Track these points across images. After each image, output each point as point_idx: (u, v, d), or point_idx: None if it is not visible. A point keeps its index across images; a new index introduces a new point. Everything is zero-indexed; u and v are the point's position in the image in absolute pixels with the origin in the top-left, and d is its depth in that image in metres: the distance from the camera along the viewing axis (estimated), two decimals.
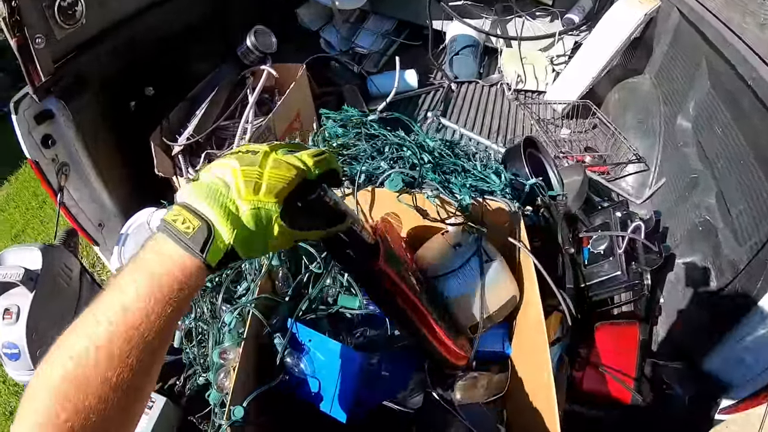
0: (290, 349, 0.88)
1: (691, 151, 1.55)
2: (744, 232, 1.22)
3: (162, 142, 1.46)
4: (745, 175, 1.27)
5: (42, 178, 1.36)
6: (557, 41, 2.36)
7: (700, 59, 1.60)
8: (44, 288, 1.17)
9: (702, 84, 1.58)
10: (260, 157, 0.51)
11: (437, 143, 1.20)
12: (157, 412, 1.16)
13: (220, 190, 0.49)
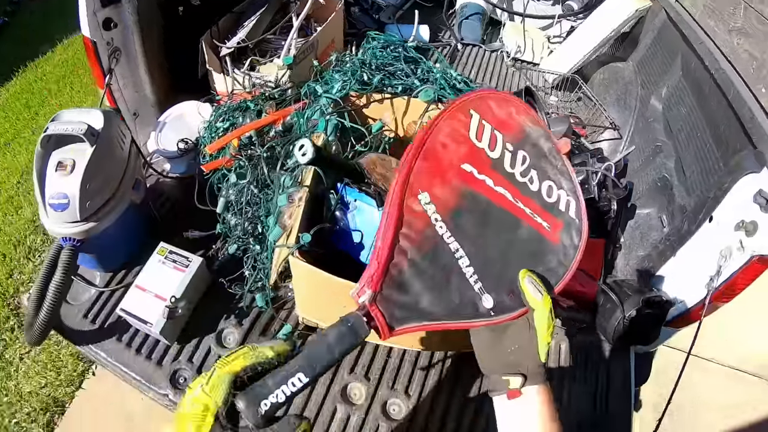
0: (339, 205, 1.09)
1: (659, 126, 1.84)
2: (694, 186, 1.50)
3: (212, 43, 1.61)
4: (701, 145, 1.56)
5: (95, 58, 1.46)
6: (555, 23, 2.63)
7: (677, 53, 1.88)
8: (103, 145, 1.23)
9: (675, 73, 1.87)
10: (183, 400, 0.55)
11: (458, 75, 1.43)
12: (193, 270, 1.27)
13: None
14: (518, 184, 0.77)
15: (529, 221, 0.75)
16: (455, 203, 0.71)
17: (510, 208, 0.75)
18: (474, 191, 0.73)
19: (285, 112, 1.31)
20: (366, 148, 1.21)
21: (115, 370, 1.28)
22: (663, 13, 2.09)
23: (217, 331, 1.32)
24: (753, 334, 3.24)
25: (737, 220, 1.21)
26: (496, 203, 0.74)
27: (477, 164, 0.75)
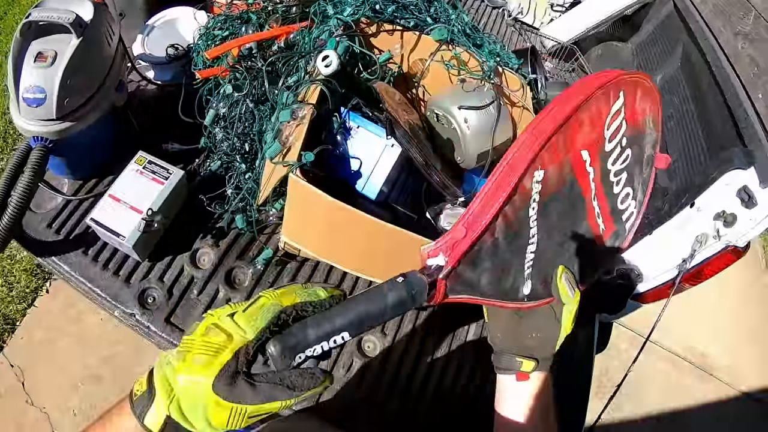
0: (341, 129, 1.04)
1: None
2: (677, 172, 1.54)
3: None
4: (689, 135, 1.59)
5: None
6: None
7: (678, 44, 1.90)
8: (90, 39, 1.13)
9: (673, 63, 1.89)
10: (200, 324, 0.50)
11: (471, 22, 1.39)
12: (173, 183, 1.19)
13: (168, 359, 0.49)
14: (607, 182, 0.72)
15: (591, 219, 0.72)
16: (556, 188, 0.64)
17: (588, 203, 0.71)
18: (576, 181, 0.67)
19: (289, 28, 1.24)
20: (374, 76, 1.16)
21: (78, 286, 1.20)
22: (671, 4, 2.10)
23: (191, 251, 1.26)
24: (696, 327, 3.47)
25: (718, 210, 1.25)
26: (584, 196, 0.70)
27: (593, 153, 0.68)
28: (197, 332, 0.49)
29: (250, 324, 0.48)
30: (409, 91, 1.34)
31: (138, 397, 0.49)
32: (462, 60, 1.23)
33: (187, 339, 0.49)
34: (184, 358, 0.47)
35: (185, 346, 0.49)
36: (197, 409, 0.47)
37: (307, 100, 1.02)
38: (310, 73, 1.09)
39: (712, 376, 3.37)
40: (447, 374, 1.27)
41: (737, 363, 3.54)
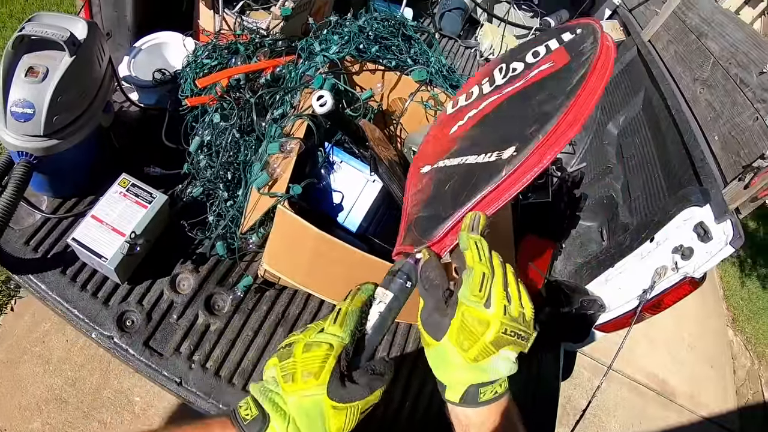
0: (325, 163, 1.08)
1: (612, 149, 1.97)
2: (637, 209, 1.63)
3: None
4: (649, 173, 1.69)
5: None
6: (531, 35, 2.73)
7: (641, 88, 2.02)
8: (83, 58, 1.14)
9: (636, 105, 2.01)
10: (294, 348, 0.53)
11: (448, 64, 1.47)
12: (157, 208, 1.20)
13: (269, 387, 0.53)
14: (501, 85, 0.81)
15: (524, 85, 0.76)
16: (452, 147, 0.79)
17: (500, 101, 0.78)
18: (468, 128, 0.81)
19: (276, 62, 1.29)
20: (357, 113, 1.21)
21: (55, 306, 1.19)
22: (635, 50, 2.23)
23: (171, 275, 1.27)
24: (657, 356, 3.58)
25: (676, 244, 1.34)
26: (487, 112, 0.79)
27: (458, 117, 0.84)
28: (296, 353, 0.53)
29: (343, 330, 0.54)
30: (387, 128, 1.41)
31: (249, 422, 0.51)
32: (439, 100, 1.30)
33: (286, 363, 0.53)
34: (293, 379, 0.51)
35: (287, 369, 0.52)
36: (315, 422, 0.50)
37: (294, 134, 1.06)
38: (296, 107, 1.13)
39: (673, 403, 3.47)
40: (423, 397, 1.30)
41: (697, 389, 3.67)
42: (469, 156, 0.72)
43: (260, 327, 1.26)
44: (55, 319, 2.06)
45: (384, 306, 0.58)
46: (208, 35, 1.48)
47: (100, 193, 1.20)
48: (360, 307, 0.57)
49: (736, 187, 1.29)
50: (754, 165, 1.24)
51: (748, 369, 4.25)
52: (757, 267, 5.25)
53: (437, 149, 0.83)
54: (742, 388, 4.03)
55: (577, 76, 0.68)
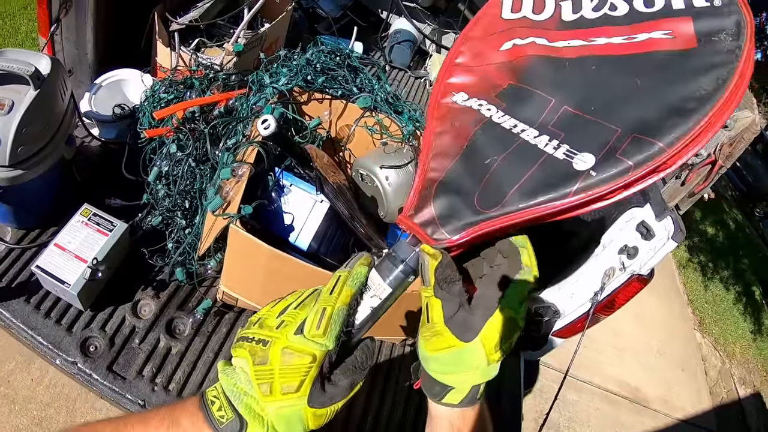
0: (275, 186, 1.15)
1: None
2: (584, 216, 1.72)
3: (163, 16, 1.61)
4: None
5: (46, 4, 1.42)
6: None
7: None
8: (46, 92, 1.19)
9: None
10: (269, 351, 0.48)
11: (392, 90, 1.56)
12: (117, 236, 1.26)
13: (243, 389, 0.48)
14: (592, 21, 0.63)
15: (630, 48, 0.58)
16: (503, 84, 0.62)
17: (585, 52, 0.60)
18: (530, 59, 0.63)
19: (229, 94, 1.36)
20: (305, 140, 1.29)
21: (19, 333, 1.23)
22: None
23: (133, 301, 1.31)
24: (627, 364, 3.65)
25: (621, 245, 1.41)
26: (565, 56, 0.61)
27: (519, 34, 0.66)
28: (272, 359, 0.47)
29: (327, 337, 0.48)
30: (336, 154, 1.49)
31: (225, 425, 0.47)
32: (384, 125, 1.38)
33: (261, 370, 0.48)
34: (271, 390, 0.47)
35: (264, 378, 0.47)
36: (296, 426, 0.48)
37: (245, 160, 1.13)
38: (248, 136, 1.20)
39: (647, 408, 3.53)
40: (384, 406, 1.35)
41: (670, 393, 3.74)
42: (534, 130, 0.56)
43: (221, 348, 1.31)
44: (19, 358, 2.05)
45: (378, 301, 0.53)
46: (165, 71, 1.55)
47: (62, 224, 1.25)
48: (348, 302, 0.50)
49: (673, 185, 1.36)
50: (689, 163, 1.32)
51: (719, 369, 4.36)
52: (718, 270, 5.44)
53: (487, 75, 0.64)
54: (716, 388, 4.13)
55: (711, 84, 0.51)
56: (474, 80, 0.64)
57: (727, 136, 1.28)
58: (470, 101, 0.62)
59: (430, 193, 0.57)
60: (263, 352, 0.48)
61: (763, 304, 5.56)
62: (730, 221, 6.90)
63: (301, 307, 0.51)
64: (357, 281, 0.51)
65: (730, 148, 1.30)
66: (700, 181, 1.36)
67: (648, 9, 0.59)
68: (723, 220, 6.75)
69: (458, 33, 2.91)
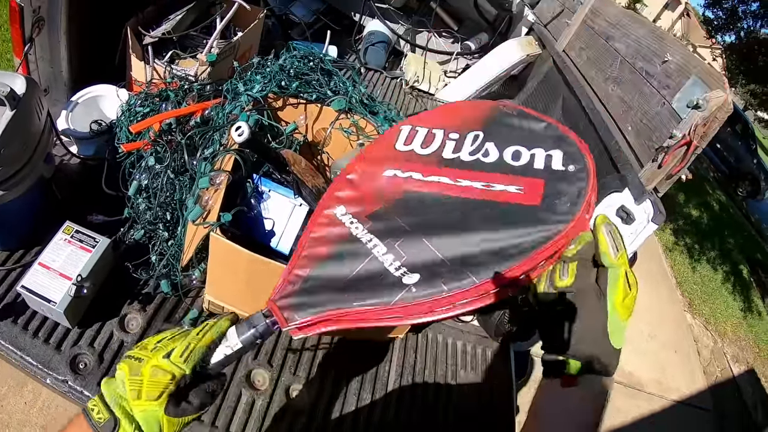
0: (254, 193, 1.17)
1: None
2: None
3: (136, 30, 1.62)
4: None
5: (18, 23, 1.42)
6: (453, 59, 2.91)
7: (558, 96, 2.18)
8: (23, 112, 1.19)
9: (556, 112, 2.17)
10: (142, 367, 0.62)
11: (366, 91, 1.58)
12: (101, 251, 1.25)
13: (119, 394, 0.62)
14: (467, 164, 0.76)
15: (484, 195, 0.71)
16: (374, 208, 0.77)
17: (451, 191, 0.74)
18: (404, 191, 0.78)
19: (204, 104, 1.37)
20: (281, 146, 1.30)
21: (8, 355, 1.21)
22: (550, 61, 2.40)
23: (120, 316, 1.31)
24: (622, 351, 3.68)
25: None
26: (431, 191, 0.76)
27: (402, 166, 0.81)
28: (144, 373, 0.62)
29: (186, 365, 0.63)
30: (314, 158, 1.50)
31: (103, 424, 0.60)
32: (360, 126, 1.40)
33: (134, 379, 0.62)
34: (138, 396, 0.61)
35: (135, 384, 0.61)
36: (154, 427, 0.61)
37: (223, 168, 1.14)
38: (225, 145, 1.21)
39: (641, 392, 3.57)
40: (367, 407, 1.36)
41: (664, 375, 3.78)
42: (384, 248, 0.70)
43: None
44: (12, 382, 2.04)
45: (231, 351, 0.67)
46: (140, 85, 1.56)
47: (46, 243, 1.24)
48: (208, 344, 0.65)
49: (651, 169, 1.38)
50: (665, 145, 1.34)
51: (711, 348, 4.42)
52: (705, 251, 5.52)
53: (365, 196, 0.80)
54: (709, 367, 4.18)
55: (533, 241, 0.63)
56: (354, 197, 0.80)
57: (701, 116, 1.30)
58: (345, 216, 0.77)
59: (295, 287, 0.71)
60: (138, 366, 0.62)
61: (751, 281, 5.65)
62: (713, 202, 6.99)
63: (173, 340, 0.65)
64: (218, 331, 0.67)
65: (704, 128, 1.32)
66: (677, 163, 1.38)
67: (513, 162, 0.73)
68: (707, 202, 6.85)
69: (431, 32, 2.94)
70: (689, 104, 1.31)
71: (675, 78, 1.43)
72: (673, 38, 1.63)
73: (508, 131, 0.79)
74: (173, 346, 0.64)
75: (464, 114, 0.85)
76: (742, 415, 3.92)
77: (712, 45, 8.24)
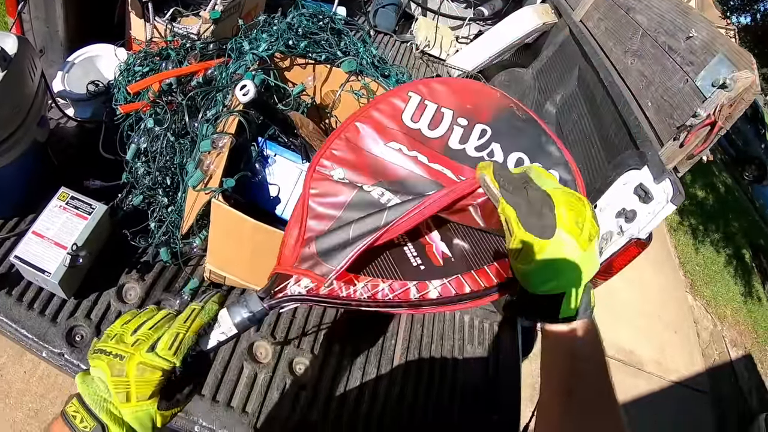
0: (259, 157, 1.10)
1: (551, 127, 2.04)
2: None
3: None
4: (588, 145, 1.76)
5: None
6: (465, 25, 2.82)
7: (574, 66, 2.10)
8: (14, 73, 1.13)
9: (571, 83, 2.09)
10: (126, 366, 0.56)
11: (377, 53, 1.50)
12: (97, 218, 1.20)
13: (103, 396, 0.56)
14: (467, 159, 0.78)
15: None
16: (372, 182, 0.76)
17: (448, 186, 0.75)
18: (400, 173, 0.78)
19: (207, 64, 1.30)
20: (288, 108, 1.23)
21: (3, 328, 1.17)
22: (567, 30, 2.32)
23: (117, 286, 1.26)
24: (621, 329, 3.69)
25: (619, 209, 1.38)
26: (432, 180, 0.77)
27: (408, 143, 0.79)
28: (129, 373, 0.56)
29: (176, 357, 0.58)
30: (322, 122, 1.43)
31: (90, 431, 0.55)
32: (371, 89, 1.33)
33: (119, 380, 0.56)
34: (127, 398, 0.55)
35: (121, 386, 0.56)
36: (148, 424, 0.57)
37: (226, 131, 1.07)
38: (228, 106, 1.14)
39: (641, 371, 3.58)
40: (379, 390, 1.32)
41: (664, 356, 3.80)
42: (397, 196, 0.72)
43: None
44: (11, 351, 2.02)
45: (225, 338, 0.63)
46: (140, 44, 1.48)
47: (40, 211, 1.18)
48: (197, 331, 0.60)
49: (672, 147, 1.35)
50: (687, 124, 1.30)
51: (711, 331, 4.42)
52: (709, 233, 5.49)
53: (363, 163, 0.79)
54: (708, 350, 4.19)
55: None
56: (355, 163, 0.79)
57: (728, 97, 1.25)
58: (344, 180, 0.77)
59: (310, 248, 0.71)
60: (120, 365, 0.56)
61: (753, 267, 5.63)
62: (719, 185, 6.94)
63: (155, 329, 0.59)
64: (207, 315, 0.62)
65: (730, 109, 1.27)
66: (699, 143, 1.33)
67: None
68: (713, 184, 6.79)
69: None
70: (714, 83, 1.27)
71: (700, 55, 1.39)
72: (699, 14, 1.56)
73: (515, 135, 0.80)
74: (156, 336, 0.58)
75: (475, 100, 0.83)
76: (738, 400, 3.94)
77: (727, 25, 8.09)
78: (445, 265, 0.71)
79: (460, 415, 1.36)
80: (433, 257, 0.71)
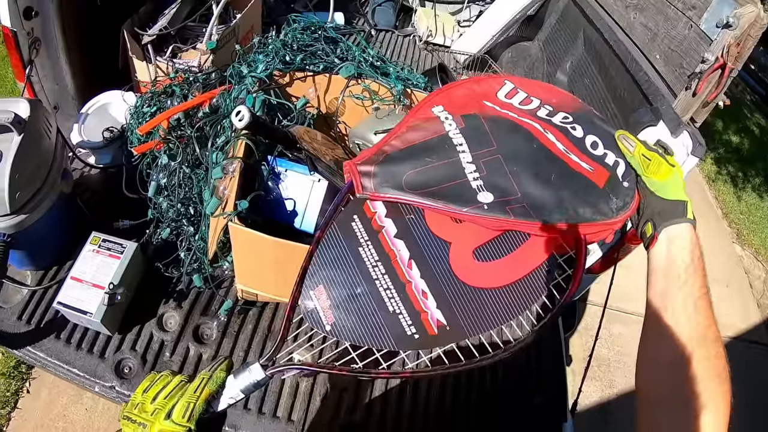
0: (271, 175, 1.13)
1: None
2: None
3: (133, 32, 1.59)
4: (602, 108, 1.73)
5: (15, 49, 1.42)
6: (465, 8, 2.80)
7: (579, 31, 2.06)
8: (31, 134, 1.20)
9: (578, 49, 2.05)
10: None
11: (375, 53, 1.51)
12: (129, 256, 1.26)
13: None
14: (557, 126, 0.81)
15: (562, 155, 0.77)
16: (470, 111, 0.81)
17: (539, 137, 0.79)
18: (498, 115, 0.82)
19: (211, 93, 1.34)
20: (293, 123, 1.26)
21: (57, 370, 1.24)
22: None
23: (157, 316, 1.32)
24: None
25: None
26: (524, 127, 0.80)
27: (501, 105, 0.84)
28: None
29: (191, 422, 0.64)
30: (331, 130, 1.45)
31: None
32: (372, 90, 1.34)
33: None
34: None
35: None
36: None
37: (236, 155, 1.10)
38: (236, 131, 1.18)
39: None
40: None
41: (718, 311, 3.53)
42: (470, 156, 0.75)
43: (249, 346, 1.31)
44: (71, 391, 2.11)
45: (234, 401, 0.69)
46: (146, 85, 1.53)
47: (76, 257, 1.26)
48: (207, 398, 0.66)
49: (685, 98, 1.30)
50: (697, 71, 1.26)
51: (764, 279, 4.25)
52: (749, 179, 5.26)
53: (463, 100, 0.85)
54: (763, 299, 4.03)
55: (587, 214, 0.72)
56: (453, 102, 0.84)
57: (733, 35, 1.20)
58: (442, 113, 0.82)
59: (378, 159, 0.75)
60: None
61: None
62: (753, 127, 6.64)
63: (169, 398, 0.66)
64: (215, 384, 0.68)
65: (737, 48, 1.22)
66: (712, 89, 1.29)
67: (591, 149, 0.79)
68: (746, 127, 6.51)
69: None
70: (719, 24, 1.22)
71: None
72: None
73: (594, 125, 0.84)
74: (171, 404, 0.65)
75: (560, 97, 0.90)
76: None
77: None
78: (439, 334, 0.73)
79: (503, 399, 1.36)
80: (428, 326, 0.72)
